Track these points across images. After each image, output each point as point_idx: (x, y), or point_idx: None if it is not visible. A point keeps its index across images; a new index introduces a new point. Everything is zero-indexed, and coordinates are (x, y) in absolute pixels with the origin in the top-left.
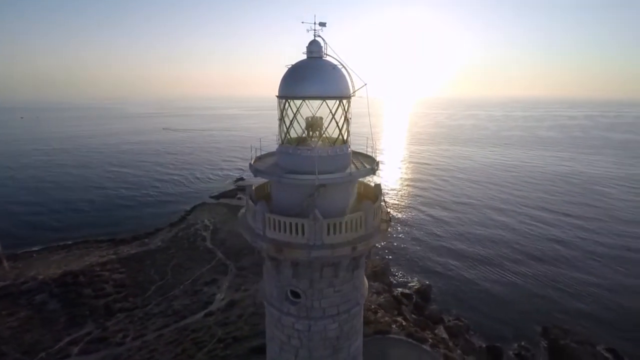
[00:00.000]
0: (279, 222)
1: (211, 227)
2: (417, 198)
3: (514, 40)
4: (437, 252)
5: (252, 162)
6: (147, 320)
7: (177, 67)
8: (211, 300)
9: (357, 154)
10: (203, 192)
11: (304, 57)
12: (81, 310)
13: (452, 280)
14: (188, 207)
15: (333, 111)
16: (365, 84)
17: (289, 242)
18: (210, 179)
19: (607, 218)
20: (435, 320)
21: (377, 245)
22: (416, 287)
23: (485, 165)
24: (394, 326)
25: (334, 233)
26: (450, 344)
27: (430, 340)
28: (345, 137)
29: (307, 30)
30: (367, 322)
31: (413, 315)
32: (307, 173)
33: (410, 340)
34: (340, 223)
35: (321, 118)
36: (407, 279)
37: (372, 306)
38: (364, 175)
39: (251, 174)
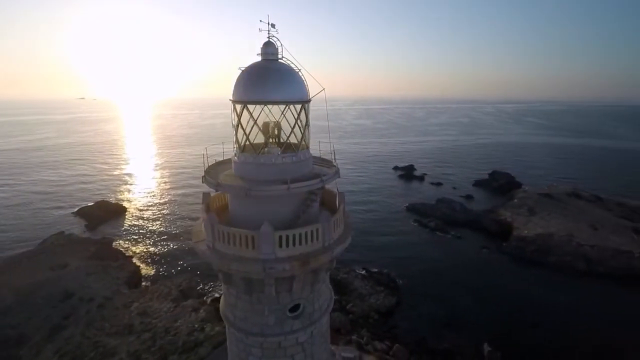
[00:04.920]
0: (294, 235)
1: None
2: (189, 206)
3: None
4: None
5: (218, 182)
6: None
7: None
8: None
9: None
10: None
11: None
12: None
13: None
14: None
15: (299, 115)
16: (324, 89)
17: (308, 252)
18: None
19: (380, 187)
20: None
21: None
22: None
23: None
24: None
25: (336, 229)
26: None
27: None
28: (307, 141)
29: (260, 30)
30: (201, 341)
31: None
32: (298, 180)
33: None
34: (339, 218)
35: (279, 122)
36: (211, 288)
37: (196, 325)
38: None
39: None
